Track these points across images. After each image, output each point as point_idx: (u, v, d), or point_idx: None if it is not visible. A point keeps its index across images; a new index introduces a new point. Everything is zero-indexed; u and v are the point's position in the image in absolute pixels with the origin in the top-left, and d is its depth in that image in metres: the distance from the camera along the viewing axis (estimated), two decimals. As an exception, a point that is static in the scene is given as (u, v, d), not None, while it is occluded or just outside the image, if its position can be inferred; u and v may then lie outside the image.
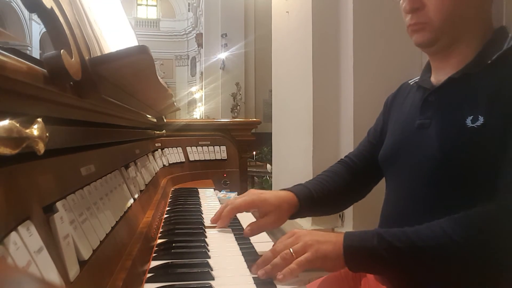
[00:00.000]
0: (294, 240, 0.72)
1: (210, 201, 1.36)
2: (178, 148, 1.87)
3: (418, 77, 0.92)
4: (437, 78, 0.84)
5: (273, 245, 0.74)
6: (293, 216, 0.92)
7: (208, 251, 0.80)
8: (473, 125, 0.71)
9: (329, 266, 0.70)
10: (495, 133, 0.68)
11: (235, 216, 1.20)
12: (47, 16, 0.46)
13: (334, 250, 0.69)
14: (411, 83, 0.96)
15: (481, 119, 0.70)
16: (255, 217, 0.96)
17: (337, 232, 0.75)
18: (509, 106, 0.68)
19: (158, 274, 0.67)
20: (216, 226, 0.95)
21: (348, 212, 1.95)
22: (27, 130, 0.33)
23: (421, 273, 0.69)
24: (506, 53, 0.74)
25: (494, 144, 0.68)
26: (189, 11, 19.78)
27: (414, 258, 0.67)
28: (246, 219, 1.17)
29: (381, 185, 1.01)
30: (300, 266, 0.67)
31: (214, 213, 1.18)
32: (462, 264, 0.67)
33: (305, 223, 2.06)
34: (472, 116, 0.71)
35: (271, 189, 3.01)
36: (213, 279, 0.66)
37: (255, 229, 0.85)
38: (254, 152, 6.30)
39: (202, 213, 1.15)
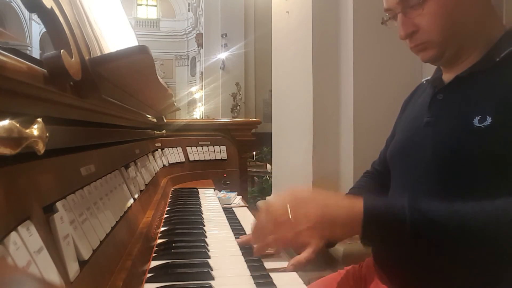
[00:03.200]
0: (294, 202, 0.65)
1: (210, 201, 1.36)
2: (178, 148, 1.87)
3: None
4: (448, 76, 0.83)
5: (269, 206, 0.67)
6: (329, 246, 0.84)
7: (208, 251, 0.80)
8: (480, 125, 0.69)
9: (337, 233, 0.63)
10: (504, 134, 0.67)
11: (235, 216, 1.20)
12: (47, 16, 0.46)
13: (348, 215, 0.62)
14: (424, 82, 0.95)
15: (489, 120, 0.69)
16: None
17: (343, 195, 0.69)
18: None
19: (158, 274, 0.67)
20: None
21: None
22: (27, 130, 0.33)
23: (456, 251, 0.64)
24: None
25: (502, 145, 0.67)
26: (189, 11, 19.77)
27: (458, 229, 0.61)
28: (246, 219, 1.17)
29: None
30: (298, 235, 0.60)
31: (214, 213, 1.18)
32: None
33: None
34: (479, 116, 0.70)
35: (271, 189, 3.01)
36: (213, 279, 0.66)
37: (298, 265, 0.69)
38: (254, 152, 6.30)
39: (202, 213, 1.15)
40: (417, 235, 0.63)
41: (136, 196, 0.88)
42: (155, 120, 1.52)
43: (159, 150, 1.67)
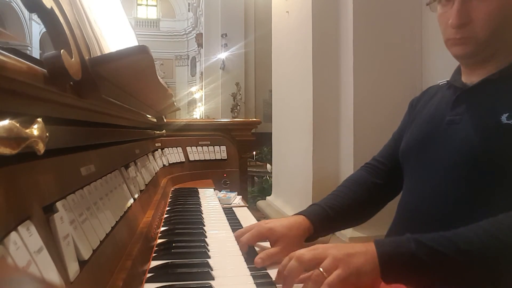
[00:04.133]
0: (321, 252, 0.65)
1: (210, 201, 1.36)
2: (178, 148, 1.87)
3: (447, 79, 0.91)
4: (469, 79, 0.83)
5: (296, 253, 0.66)
6: (309, 239, 0.87)
7: (208, 251, 0.80)
8: (508, 121, 0.69)
9: (363, 280, 0.62)
10: None
11: (235, 216, 1.20)
12: (47, 16, 0.46)
13: (367, 261, 0.62)
14: (440, 84, 0.95)
15: None
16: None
17: (363, 242, 0.68)
18: None
19: (158, 274, 0.67)
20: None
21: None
22: (27, 130, 0.33)
23: (467, 277, 0.63)
24: None
25: None
26: (189, 11, 19.77)
27: (459, 261, 0.61)
28: (246, 219, 1.17)
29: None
30: (332, 287, 0.60)
31: (214, 213, 1.18)
32: (509, 264, 0.62)
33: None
34: (508, 114, 0.70)
35: (271, 189, 3.01)
36: (213, 279, 0.66)
37: (266, 258, 0.77)
38: (254, 152, 6.30)
39: (202, 213, 1.15)
40: (433, 270, 0.62)
41: (136, 196, 0.88)
42: (155, 120, 1.52)
43: (159, 150, 1.68)
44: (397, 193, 1.01)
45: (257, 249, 0.84)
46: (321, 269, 0.62)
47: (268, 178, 5.09)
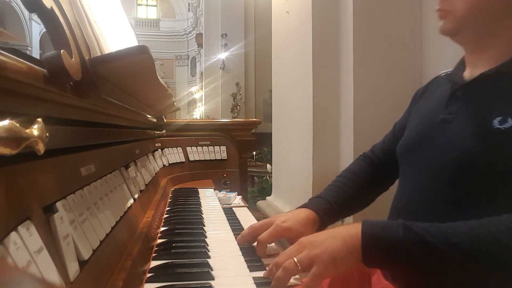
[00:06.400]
0: (298, 248, 0.66)
1: (210, 201, 1.36)
2: (178, 148, 1.87)
3: (451, 69, 0.87)
4: (471, 73, 0.79)
5: (277, 257, 0.68)
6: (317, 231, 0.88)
7: (208, 251, 0.80)
8: (500, 126, 0.67)
9: (343, 266, 0.62)
10: None
11: (235, 216, 1.20)
12: (47, 16, 0.46)
13: (345, 246, 0.62)
14: (443, 75, 0.91)
15: (510, 122, 0.66)
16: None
17: (348, 224, 0.67)
18: None
19: (158, 274, 0.67)
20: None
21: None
22: (27, 130, 0.33)
23: (452, 273, 0.62)
24: None
25: None
26: (189, 11, 19.77)
27: (448, 254, 0.59)
28: (246, 219, 1.17)
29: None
30: (312, 285, 0.60)
31: (214, 213, 1.18)
32: (504, 267, 0.60)
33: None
34: (500, 117, 0.67)
35: (271, 189, 3.01)
36: (213, 279, 0.66)
37: None
38: (254, 152, 6.30)
39: (202, 213, 1.15)
40: (418, 260, 0.61)
41: (136, 196, 0.88)
42: (155, 120, 1.52)
43: (159, 150, 1.67)
44: (383, 189, 1.04)
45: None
46: (295, 259, 0.62)
47: (268, 178, 5.09)
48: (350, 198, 0.96)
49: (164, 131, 1.67)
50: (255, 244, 0.85)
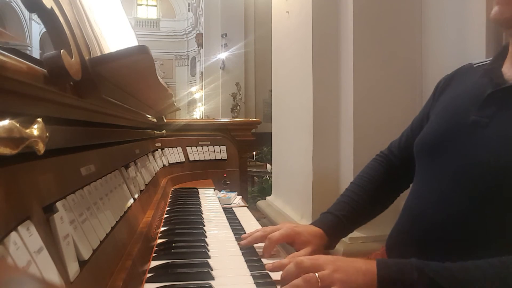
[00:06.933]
0: (321, 264, 0.63)
1: (210, 201, 1.36)
2: (178, 148, 1.87)
3: (487, 60, 0.78)
4: (510, 71, 0.71)
5: (297, 258, 0.66)
6: (326, 248, 0.88)
7: (208, 251, 0.80)
8: None
9: None
10: None
11: (235, 216, 1.20)
12: (47, 16, 0.46)
13: (365, 282, 0.61)
14: (475, 66, 0.82)
15: None
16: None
17: (366, 259, 0.66)
18: None
19: (158, 274, 0.67)
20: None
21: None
22: (27, 130, 0.33)
23: None
24: None
25: None
26: (189, 11, 19.77)
27: None
28: (246, 219, 1.17)
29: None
30: None
31: (214, 213, 1.18)
32: None
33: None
34: None
35: (271, 189, 3.01)
36: (213, 279, 0.66)
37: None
38: (254, 152, 6.30)
39: (202, 213, 1.15)
40: None
41: (136, 196, 0.88)
42: (155, 120, 1.52)
43: (159, 150, 1.68)
44: (403, 189, 0.99)
45: (258, 250, 0.84)
46: (317, 275, 0.61)
47: (268, 178, 5.09)
48: (361, 210, 0.93)
49: (164, 131, 1.67)
50: (255, 244, 0.85)
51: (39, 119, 0.36)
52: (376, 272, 0.62)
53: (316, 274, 0.61)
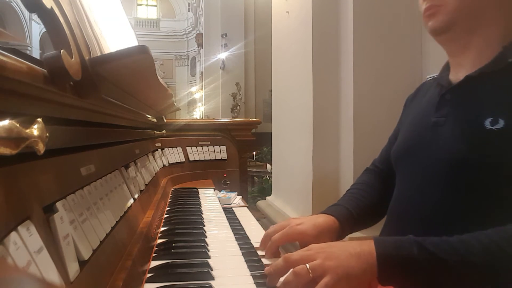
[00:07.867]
0: (312, 254, 0.63)
1: (210, 201, 1.36)
2: (178, 148, 1.87)
3: (437, 74, 0.88)
4: (456, 76, 0.80)
5: (287, 254, 0.66)
6: (337, 238, 0.87)
7: (208, 251, 0.80)
8: (492, 127, 0.66)
9: (355, 283, 0.61)
10: None
11: (235, 216, 1.20)
12: (47, 16, 0.46)
13: (360, 263, 0.61)
14: (430, 80, 0.93)
15: (501, 122, 0.66)
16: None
17: (358, 239, 0.66)
18: None
19: (158, 274, 0.67)
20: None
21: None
22: (27, 130, 0.33)
23: (464, 286, 0.61)
24: None
25: None
26: (189, 11, 19.77)
27: (461, 272, 0.59)
28: (246, 219, 1.17)
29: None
30: None
31: (214, 213, 1.18)
32: None
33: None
34: (491, 118, 0.67)
35: (271, 189, 3.01)
36: (213, 279, 0.66)
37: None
38: (254, 152, 6.30)
39: (202, 213, 1.15)
40: (433, 277, 0.60)
41: (136, 196, 0.88)
42: (155, 120, 1.52)
43: (159, 150, 1.68)
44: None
45: (258, 252, 0.84)
46: (307, 266, 0.61)
47: (268, 178, 5.10)
48: (368, 207, 0.95)
49: (164, 131, 1.67)
50: (255, 245, 0.85)
51: (39, 119, 0.36)
52: (372, 252, 0.62)
53: (307, 265, 0.61)
